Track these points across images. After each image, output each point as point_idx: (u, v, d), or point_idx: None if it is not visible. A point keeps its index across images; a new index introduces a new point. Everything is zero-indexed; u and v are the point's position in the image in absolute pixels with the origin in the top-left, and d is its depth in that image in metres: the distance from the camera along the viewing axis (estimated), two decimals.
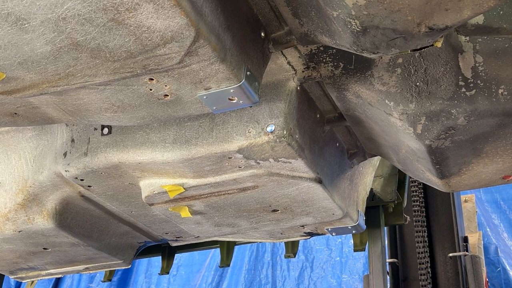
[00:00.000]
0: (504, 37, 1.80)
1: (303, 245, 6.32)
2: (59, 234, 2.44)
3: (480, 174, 2.17)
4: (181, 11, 1.27)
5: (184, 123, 1.97)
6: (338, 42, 1.52)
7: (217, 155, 1.92)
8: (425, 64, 1.80)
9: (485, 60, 1.80)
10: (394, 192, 3.07)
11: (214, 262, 6.79)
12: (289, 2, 1.54)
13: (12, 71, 1.43)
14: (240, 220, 2.38)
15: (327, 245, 6.39)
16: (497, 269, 5.70)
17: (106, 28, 1.30)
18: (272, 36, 1.68)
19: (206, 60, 1.43)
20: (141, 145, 2.01)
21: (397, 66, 1.81)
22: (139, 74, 1.47)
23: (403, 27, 1.36)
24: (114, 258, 2.83)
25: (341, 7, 1.33)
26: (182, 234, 2.77)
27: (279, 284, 6.51)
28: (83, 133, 2.11)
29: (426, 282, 3.51)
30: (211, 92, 1.56)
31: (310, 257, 6.45)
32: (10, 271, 2.94)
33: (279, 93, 1.88)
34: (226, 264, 3.46)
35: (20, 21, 1.27)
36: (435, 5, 1.28)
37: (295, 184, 2.06)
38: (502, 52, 1.79)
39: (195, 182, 2.07)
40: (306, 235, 2.68)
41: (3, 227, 2.39)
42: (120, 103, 1.62)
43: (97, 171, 2.10)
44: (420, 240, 3.60)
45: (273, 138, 1.84)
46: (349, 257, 6.26)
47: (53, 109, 1.69)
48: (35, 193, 2.28)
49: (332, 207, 2.24)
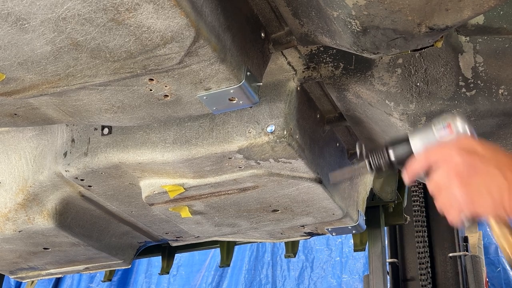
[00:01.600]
0: (504, 37, 1.80)
1: (303, 245, 6.32)
2: (59, 234, 2.44)
3: None
4: (181, 11, 1.27)
5: (184, 123, 1.97)
6: (338, 42, 1.52)
7: (217, 155, 1.92)
8: (426, 64, 1.80)
9: (485, 60, 1.80)
10: (394, 192, 3.07)
11: (214, 262, 6.78)
12: (290, 3, 1.53)
13: (12, 71, 1.43)
14: (240, 220, 2.37)
15: (327, 245, 6.38)
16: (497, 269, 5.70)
17: (106, 28, 1.30)
18: (272, 37, 1.68)
19: (206, 60, 1.42)
20: (141, 145, 2.01)
21: (397, 66, 1.81)
22: (139, 74, 1.47)
23: (404, 27, 1.36)
24: (114, 258, 2.83)
25: (341, 7, 1.33)
26: (182, 234, 2.77)
27: (279, 284, 6.51)
28: (83, 133, 2.11)
29: (426, 282, 3.51)
30: (211, 92, 1.56)
31: (310, 257, 6.44)
32: (10, 271, 2.94)
33: (279, 94, 1.88)
34: (226, 264, 3.45)
35: (20, 21, 1.27)
36: (435, 5, 1.28)
37: (295, 184, 2.05)
38: (502, 52, 1.79)
39: (195, 182, 2.07)
40: (306, 235, 2.68)
41: (3, 227, 2.39)
42: (120, 103, 1.62)
43: (97, 171, 2.10)
44: (420, 240, 3.59)
45: (273, 139, 1.84)
46: (349, 257, 6.25)
47: (53, 110, 1.68)
48: (35, 193, 2.28)
49: (332, 207, 2.24)
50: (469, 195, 1.17)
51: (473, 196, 1.16)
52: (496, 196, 1.14)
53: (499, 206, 1.15)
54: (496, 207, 1.15)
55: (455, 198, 1.18)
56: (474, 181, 1.16)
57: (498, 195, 1.14)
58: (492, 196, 1.15)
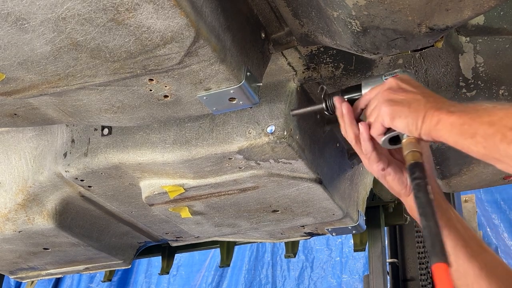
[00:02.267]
0: (505, 38, 1.80)
1: (303, 245, 6.32)
2: (59, 234, 2.44)
3: (481, 175, 2.17)
4: (181, 11, 1.27)
5: (184, 123, 1.97)
6: (339, 42, 1.52)
7: (217, 156, 1.92)
8: (426, 64, 1.80)
9: (485, 61, 1.80)
10: None
11: (214, 262, 6.79)
12: (290, 3, 1.53)
13: (11, 71, 1.43)
14: (240, 221, 2.37)
15: (327, 245, 6.38)
16: None
17: (106, 28, 1.30)
18: (272, 37, 1.68)
19: (206, 60, 1.42)
20: (141, 146, 2.01)
21: (398, 67, 1.80)
22: (139, 74, 1.47)
23: (404, 27, 1.36)
24: (114, 258, 2.83)
25: (342, 8, 1.32)
26: (182, 234, 2.77)
27: (279, 284, 6.51)
28: (83, 134, 2.11)
29: (426, 282, 3.51)
30: (211, 92, 1.56)
31: (310, 257, 6.44)
32: (10, 271, 2.94)
33: (279, 94, 1.88)
34: (226, 264, 3.45)
35: (20, 21, 1.27)
36: (435, 5, 1.28)
37: (295, 185, 2.05)
38: (502, 52, 1.79)
39: (195, 182, 2.07)
40: (306, 235, 2.68)
41: (3, 227, 2.39)
42: (120, 103, 1.62)
43: (97, 171, 2.09)
44: (420, 240, 3.59)
45: (273, 139, 1.84)
46: (349, 257, 6.25)
47: (53, 110, 1.68)
48: (35, 193, 2.28)
49: (333, 207, 2.24)
50: (392, 110, 1.26)
51: (394, 111, 1.25)
52: (414, 115, 1.21)
53: (414, 126, 1.21)
54: (411, 126, 1.22)
55: (379, 112, 1.28)
56: (399, 97, 1.26)
57: (415, 115, 1.21)
58: (410, 114, 1.22)
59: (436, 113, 1.18)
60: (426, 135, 1.21)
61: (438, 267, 0.98)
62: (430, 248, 1.03)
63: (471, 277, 1.29)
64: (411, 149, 1.25)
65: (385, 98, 1.28)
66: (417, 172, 1.21)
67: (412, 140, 1.26)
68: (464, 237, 1.31)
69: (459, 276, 1.29)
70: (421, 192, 1.17)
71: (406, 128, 1.24)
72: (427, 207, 1.13)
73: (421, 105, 1.22)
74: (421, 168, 1.22)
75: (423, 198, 1.15)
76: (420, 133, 1.21)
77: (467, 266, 1.29)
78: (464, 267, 1.29)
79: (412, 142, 1.26)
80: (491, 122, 1.06)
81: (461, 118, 1.12)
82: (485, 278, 1.27)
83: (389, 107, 1.26)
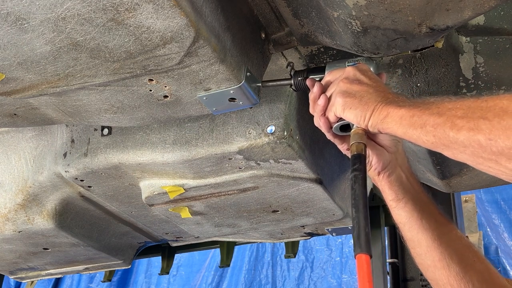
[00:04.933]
0: (505, 38, 1.80)
1: (303, 245, 6.32)
2: (59, 234, 2.43)
3: (481, 175, 2.16)
4: (181, 11, 1.26)
5: (184, 124, 1.97)
6: (339, 42, 1.52)
7: (217, 156, 1.92)
8: (426, 65, 1.80)
9: (486, 61, 1.80)
10: None
11: (214, 262, 6.79)
12: (290, 3, 1.53)
13: (11, 71, 1.43)
14: (240, 221, 2.37)
15: (327, 245, 6.38)
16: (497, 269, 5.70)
17: (106, 28, 1.30)
18: (272, 37, 1.68)
19: (206, 60, 1.42)
20: (141, 146, 2.01)
21: (398, 67, 1.80)
22: (138, 74, 1.46)
23: (404, 27, 1.35)
24: (114, 258, 2.83)
25: (342, 8, 1.32)
26: (182, 234, 2.77)
27: (279, 284, 6.51)
28: (83, 134, 2.11)
29: (426, 282, 3.50)
30: (211, 93, 1.55)
31: (310, 257, 6.44)
32: (10, 271, 2.94)
33: (279, 94, 1.88)
34: (226, 264, 3.45)
35: (19, 21, 1.27)
36: (436, 5, 1.28)
37: (295, 185, 2.05)
38: (503, 52, 1.79)
39: (195, 183, 2.07)
40: (307, 235, 2.68)
41: (3, 227, 2.39)
42: (120, 104, 1.62)
43: (97, 171, 2.09)
44: None
45: (273, 139, 1.84)
46: (349, 257, 6.25)
47: (52, 110, 1.68)
48: (35, 193, 2.28)
49: (333, 207, 2.24)
50: (344, 102, 1.33)
51: (346, 102, 1.32)
52: (363, 108, 1.28)
53: (362, 118, 1.28)
54: (359, 118, 1.29)
55: (334, 101, 1.36)
56: (353, 89, 1.33)
57: (365, 107, 1.28)
58: (360, 107, 1.29)
59: (385, 108, 1.24)
60: (372, 127, 1.28)
61: (360, 258, 1.07)
62: (356, 239, 1.11)
63: (424, 247, 1.39)
64: (356, 140, 1.32)
65: (341, 88, 1.35)
66: (357, 164, 1.27)
67: (359, 131, 1.32)
68: (420, 211, 1.39)
69: (414, 245, 1.41)
70: (357, 184, 1.22)
71: (355, 119, 1.31)
72: (360, 199, 1.19)
73: (372, 99, 1.29)
74: (362, 160, 1.29)
75: (357, 190, 1.21)
76: (368, 124, 1.28)
77: (420, 237, 1.39)
78: (418, 237, 1.39)
79: (358, 133, 1.32)
80: (440, 112, 1.12)
81: (411, 111, 1.18)
82: (437, 249, 1.37)
83: (342, 99, 1.33)
